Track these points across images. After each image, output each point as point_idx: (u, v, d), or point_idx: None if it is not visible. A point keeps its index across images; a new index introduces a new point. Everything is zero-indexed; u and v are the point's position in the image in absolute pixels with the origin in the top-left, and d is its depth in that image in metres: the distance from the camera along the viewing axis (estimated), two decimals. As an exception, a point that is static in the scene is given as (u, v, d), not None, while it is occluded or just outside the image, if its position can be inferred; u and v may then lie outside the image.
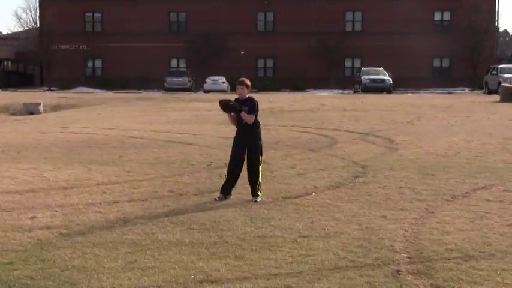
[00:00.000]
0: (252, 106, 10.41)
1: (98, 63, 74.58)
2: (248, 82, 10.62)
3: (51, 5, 72.26)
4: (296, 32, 70.94)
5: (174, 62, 73.67)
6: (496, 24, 75.67)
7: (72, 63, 70.58)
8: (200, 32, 69.44)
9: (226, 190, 10.54)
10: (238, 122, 10.56)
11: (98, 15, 74.30)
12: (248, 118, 10.39)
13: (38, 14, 75.14)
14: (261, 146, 10.67)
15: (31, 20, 77.92)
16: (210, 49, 69.31)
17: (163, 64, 69.97)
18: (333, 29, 70.48)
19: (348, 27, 73.96)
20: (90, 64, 74.83)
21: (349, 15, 73.93)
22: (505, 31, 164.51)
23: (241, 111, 10.39)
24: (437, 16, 73.64)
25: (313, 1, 71.66)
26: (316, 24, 70.89)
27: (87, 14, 74.30)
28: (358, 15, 73.72)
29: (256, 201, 10.22)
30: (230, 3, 71.92)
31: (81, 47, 72.70)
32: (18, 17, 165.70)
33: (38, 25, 74.85)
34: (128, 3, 72.18)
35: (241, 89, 10.52)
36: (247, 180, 10.66)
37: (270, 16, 74.25)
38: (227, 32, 69.85)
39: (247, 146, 10.55)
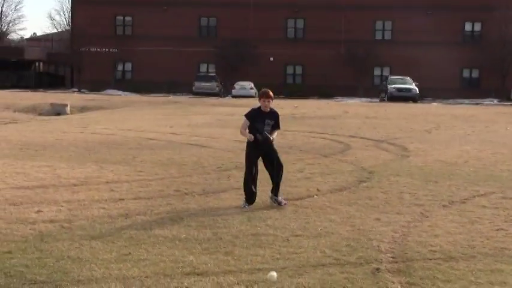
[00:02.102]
0: (277, 122, 10.58)
1: (128, 66, 75.30)
2: (272, 94, 10.64)
3: (83, 7, 73.25)
4: (325, 39, 71.10)
5: (203, 67, 74.16)
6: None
7: (102, 66, 71.39)
8: (230, 37, 69.83)
9: (252, 200, 10.45)
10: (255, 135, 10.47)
11: (128, 18, 75.05)
12: (271, 141, 10.49)
13: (70, 16, 76.08)
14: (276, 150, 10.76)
15: (64, 22, 79.50)
16: (239, 55, 69.66)
17: (192, 69, 70.53)
18: (362, 38, 70.57)
19: (378, 36, 74.00)
20: (120, 67, 75.59)
21: (379, 25, 73.97)
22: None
23: (272, 139, 10.43)
24: (467, 26, 73.42)
25: (343, 9, 71.77)
26: (345, 33, 71.00)
27: (118, 17, 75.09)
28: (388, 24, 73.74)
29: (280, 203, 10.35)
30: (260, 10, 72.29)
31: (111, 50, 73.50)
32: (52, 19, 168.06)
33: (70, 27, 75.77)
34: (158, 8, 72.86)
35: (268, 101, 10.51)
36: (241, 184, 10.80)
37: (300, 23, 74.50)
38: (257, 38, 70.18)
39: (266, 152, 10.57)
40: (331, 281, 6.68)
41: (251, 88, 64.18)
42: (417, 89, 59.23)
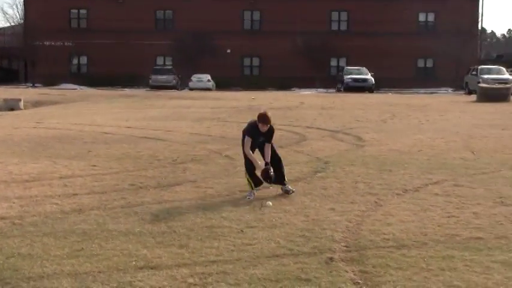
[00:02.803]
0: (271, 136, 10.80)
1: (83, 60, 74.75)
2: (270, 118, 10.71)
3: (36, 1, 72.39)
4: (282, 31, 71.22)
5: (160, 60, 73.91)
6: (480, 25, 76.35)
7: (57, 60, 70.55)
8: (187, 30, 69.59)
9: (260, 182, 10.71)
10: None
11: (83, 11, 74.43)
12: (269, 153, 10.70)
13: (23, 9, 75.13)
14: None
15: (17, 15, 78.01)
16: (196, 47, 69.48)
17: (149, 62, 70.16)
18: (318, 29, 70.86)
19: (334, 27, 74.47)
20: (75, 61, 74.98)
21: (334, 15, 74.42)
22: (492, 32, 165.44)
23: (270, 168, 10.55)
24: (421, 17, 74.26)
25: (299, 1, 71.96)
26: (301, 24, 71.16)
27: (72, 10, 74.39)
28: (343, 15, 74.22)
29: (292, 191, 10.53)
30: (216, 2, 72.20)
31: (66, 43, 72.84)
32: (4, 13, 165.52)
33: (23, 21, 74.87)
34: (113, 1, 72.39)
35: (266, 127, 10.63)
36: (203, 174, 10.89)
37: (257, 15, 74.62)
38: (214, 31, 69.99)
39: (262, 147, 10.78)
40: (285, 271, 6.71)
41: (208, 80, 64.14)
42: (373, 79, 59.75)
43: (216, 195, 10.56)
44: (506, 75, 55.39)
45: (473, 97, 43.05)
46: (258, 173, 10.63)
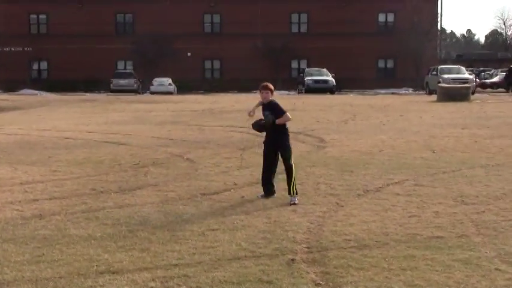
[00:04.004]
0: (277, 108, 10.60)
1: (44, 65, 74.07)
2: (272, 86, 10.72)
3: (-6, 6, 71.69)
4: (242, 33, 71.23)
5: (121, 64, 73.44)
6: (440, 25, 77.14)
7: (16, 65, 69.85)
8: (147, 33, 69.26)
9: (268, 192, 10.61)
10: (266, 128, 10.69)
11: (43, 16, 73.77)
12: (283, 120, 10.58)
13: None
14: (290, 147, 10.81)
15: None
16: (156, 51, 69.22)
17: (110, 66, 69.69)
18: (278, 31, 70.99)
19: (294, 29, 74.64)
20: (35, 66, 74.28)
21: (294, 17, 74.61)
22: (452, 33, 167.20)
23: (275, 121, 10.50)
24: (381, 17, 74.72)
25: (259, 3, 72.06)
26: (262, 26, 71.23)
27: (32, 15, 73.70)
28: (303, 17, 74.45)
29: (294, 203, 10.12)
30: (176, 5, 71.96)
31: (25, 48, 72.14)
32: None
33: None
34: (73, 5, 71.83)
35: (266, 93, 10.62)
36: (164, 178, 10.87)
37: (217, 18, 74.56)
38: (174, 34, 69.75)
39: (278, 149, 10.68)
40: (247, 273, 6.70)
41: (169, 84, 63.96)
42: (334, 80, 59.96)
43: (177, 198, 10.54)
44: (466, 75, 56.02)
45: (434, 97, 43.41)
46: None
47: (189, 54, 71.75)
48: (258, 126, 10.80)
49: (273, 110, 10.60)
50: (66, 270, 6.84)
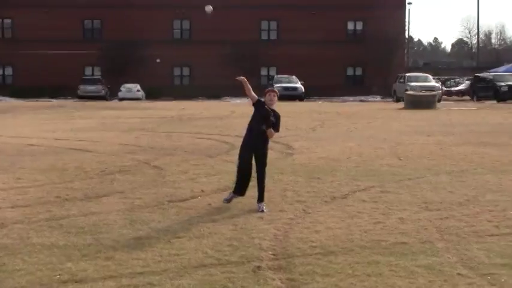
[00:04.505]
0: (277, 123, 10.43)
1: (9, 70, 73.28)
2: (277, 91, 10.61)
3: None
4: (212, 40, 71.12)
5: (88, 70, 72.98)
6: (407, 34, 77.83)
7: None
8: (115, 39, 68.99)
9: (240, 191, 10.54)
10: (254, 127, 10.44)
11: (8, 21, 73.16)
12: (273, 135, 10.43)
13: None
14: (267, 155, 10.66)
15: None
16: (125, 57, 68.95)
17: (77, 72, 69.17)
18: (248, 38, 71.05)
19: (264, 36, 74.81)
20: (-1, 72, 73.59)
21: (264, 24, 74.77)
22: (419, 41, 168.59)
23: (271, 127, 10.30)
24: (350, 26, 75.13)
25: (229, 10, 72.01)
26: (231, 33, 71.20)
27: (-3, 20, 73.07)
28: (273, 24, 74.66)
29: (262, 210, 10.00)
30: (145, 11, 71.68)
31: (-11, 54, 71.49)
32: None
33: None
34: (39, 10, 71.15)
35: (274, 96, 10.45)
36: (131, 185, 10.81)
37: (186, 24, 74.44)
38: (143, 40, 69.53)
39: (255, 153, 10.48)
40: (213, 281, 6.68)
41: (138, 90, 63.73)
42: (303, 87, 60.18)
43: (144, 206, 10.47)
44: (433, 83, 56.52)
45: (401, 104, 43.73)
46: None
47: (158, 60, 71.54)
48: (267, 115, 10.29)
49: (277, 123, 10.45)
50: (28, 279, 6.76)
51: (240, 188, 10.56)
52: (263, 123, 10.28)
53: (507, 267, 7.09)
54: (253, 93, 10.51)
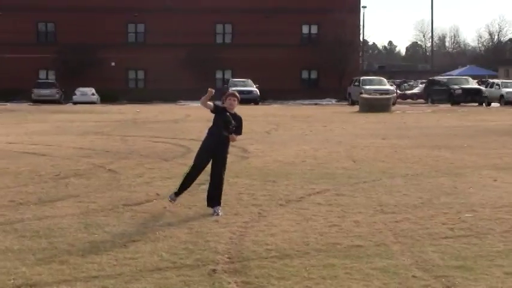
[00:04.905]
0: (239, 126, 10.34)
1: (-40, 74, 72.24)
2: (238, 95, 10.52)
3: None
4: (167, 43, 70.92)
5: (43, 74, 72.29)
6: (362, 37, 78.47)
7: None
8: (69, 42, 68.43)
9: (180, 193, 10.49)
10: (215, 132, 10.32)
11: (-41, 24, 72.14)
12: (235, 139, 10.35)
13: None
14: (226, 158, 10.53)
15: None
16: (79, 60, 68.42)
17: (31, 75, 68.40)
18: (203, 41, 71.00)
19: (219, 40, 74.83)
20: (-49, 76, 72.36)
21: (219, 28, 74.79)
22: (374, 44, 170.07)
23: (233, 132, 10.21)
24: (305, 29, 75.51)
25: (184, 13, 71.92)
26: (186, 36, 71.11)
27: None
28: (228, 27, 74.73)
29: (218, 214, 9.96)
30: (100, 15, 71.19)
31: None
32: None
33: None
34: (-8, 13, 70.37)
35: (234, 101, 10.32)
36: (86, 189, 10.75)
37: (141, 28, 74.17)
38: (97, 44, 69.09)
39: (215, 157, 10.32)
40: (168, 284, 6.68)
41: (93, 94, 63.36)
42: (258, 91, 60.35)
43: (99, 209, 10.42)
44: (387, 86, 57.17)
45: (356, 108, 44.08)
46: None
47: (112, 64, 71.15)
48: (228, 121, 10.18)
49: (239, 126, 10.38)
50: (-19, 284, 6.70)
51: (183, 190, 10.49)
52: (224, 129, 10.21)
53: (461, 269, 7.20)
54: (208, 102, 10.29)
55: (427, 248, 8.06)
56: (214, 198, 10.31)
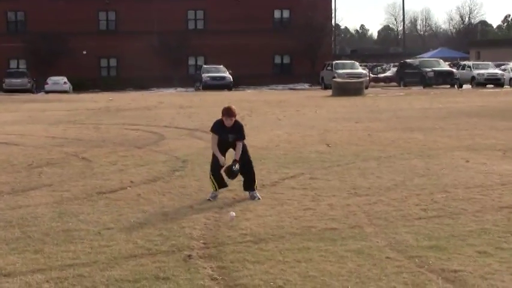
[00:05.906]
0: (242, 130, 10.33)
1: None
2: (236, 112, 10.33)
3: None
4: (139, 31, 70.48)
5: (13, 63, 71.60)
6: (334, 21, 78.61)
7: None
8: (40, 31, 67.77)
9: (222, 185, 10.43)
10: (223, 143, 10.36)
11: None
12: (240, 151, 10.32)
13: None
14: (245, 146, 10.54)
15: None
16: (50, 49, 67.82)
17: (2, 65, 67.79)
18: (175, 28, 70.64)
19: (191, 26, 74.50)
20: None
21: (191, 14, 74.45)
22: (346, 28, 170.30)
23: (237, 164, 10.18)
24: (277, 14, 75.40)
25: (156, 0, 71.55)
26: (158, 23, 70.77)
27: None
28: (200, 13, 74.37)
29: (258, 198, 10.08)
30: (70, 3, 70.60)
31: None
32: None
33: None
34: (-39, 2, 69.57)
35: (231, 120, 10.18)
36: (59, 178, 10.67)
37: (112, 15, 73.67)
38: (68, 32, 68.47)
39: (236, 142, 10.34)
40: (143, 271, 6.68)
41: (65, 83, 62.92)
42: (231, 77, 60.31)
43: (73, 198, 10.39)
44: (360, 70, 57.36)
45: (329, 92, 44.16)
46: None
47: (84, 52, 70.60)
48: (232, 173, 10.22)
49: (237, 132, 10.33)
50: (-45, 275, 6.65)
51: (220, 185, 10.40)
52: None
53: (434, 249, 7.27)
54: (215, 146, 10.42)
55: (401, 229, 8.13)
56: (247, 183, 10.34)
